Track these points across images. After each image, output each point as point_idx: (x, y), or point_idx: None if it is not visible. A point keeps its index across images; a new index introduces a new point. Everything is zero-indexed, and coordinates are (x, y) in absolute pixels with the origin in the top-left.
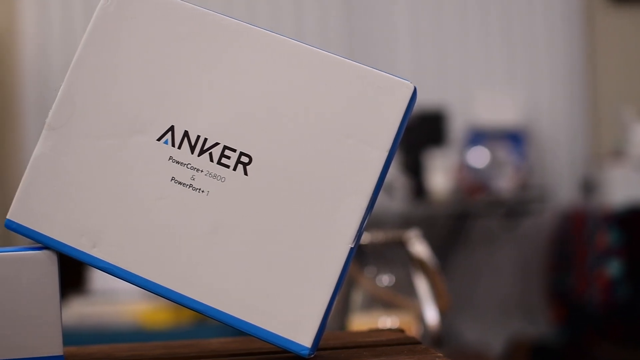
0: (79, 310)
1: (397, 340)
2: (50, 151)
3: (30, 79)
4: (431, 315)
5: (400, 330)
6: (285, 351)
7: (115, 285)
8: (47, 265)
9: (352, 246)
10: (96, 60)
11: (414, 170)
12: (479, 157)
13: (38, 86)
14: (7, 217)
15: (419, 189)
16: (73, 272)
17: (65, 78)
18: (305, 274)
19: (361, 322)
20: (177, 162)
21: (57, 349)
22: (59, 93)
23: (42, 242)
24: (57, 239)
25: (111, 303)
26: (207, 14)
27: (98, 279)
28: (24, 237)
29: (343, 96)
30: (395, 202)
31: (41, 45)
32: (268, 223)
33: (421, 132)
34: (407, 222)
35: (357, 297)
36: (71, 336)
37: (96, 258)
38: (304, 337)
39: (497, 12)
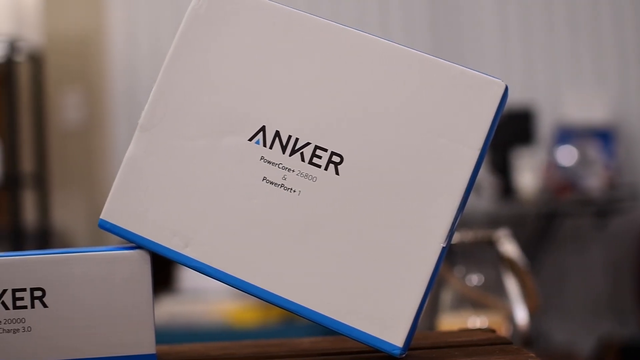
0: (169, 309)
1: (488, 340)
2: (142, 152)
3: (118, 81)
4: (521, 315)
5: (491, 330)
6: (376, 350)
7: (204, 284)
8: (140, 265)
9: (444, 245)
10: (188, 62)
11: (502, 169)
12: (567, 155)
13: (126, 88)
14: (101, 217)
15: (506, 188)
16: (162, 271)
17: (157, 79)
18: (397, 273)
19: (450, 322)
20: (269, 162)
21: (150, 348)
22: (151, 94)
23: (135, 242)
24: (149, 238)
25: (200, 302)
26: (298, 14)
27: (187, 278)
28: (117, 237)
29: (434, 95)
30: (483, 201)
31: (129, 47)
32: (359, 223)
33: (509, 130)
34: (494, 222)
35: (446, 297)
36: (161, 335)
37: (188, 257)
38: (395, 336)
39: (585, 8)
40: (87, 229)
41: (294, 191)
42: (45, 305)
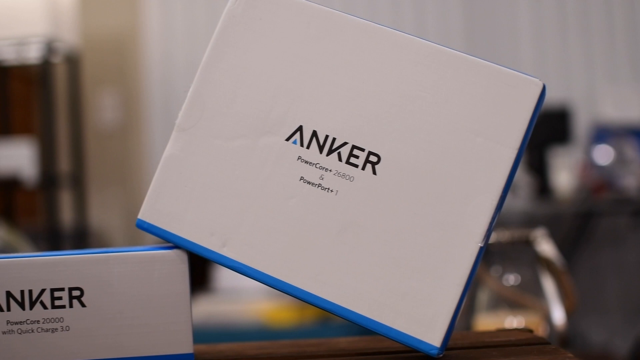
0: (204, 309)
1: (525, 341)
2: (180, 152)
3: (154, 81)
4: (558, 315)
5: (528, 330)
6: (414, 350)
7: (240, 283)
8: (177, 264)
9: (482, 245)
10: (224, 62)
11: (538, 168)
12: (604, 154)
13: (162, 88)
14: (138, 217)
15: (543, 188)
16: (198, 270)
17: (194, 80)
18: (435, 273)
19: (487, 322)
20: (306, 162)
21: (188, 347)
22: (188, 94)
23: (173, 242)
24: (187, 238)
25: (236, 301)
26: (334, 14)
27: (223, 278)
28: (153, 237)
29: (471, 94)
30: (520, 201)
31: (165, 47)
32: (397, 222)
33: (545, 129)
34: (531, 221)
35: (483, 296)
36: (196, 334)
37: (226, 257)
38: (433, 336)
39: (621, 5)
40: (123, 228)
41: (332, 191)
42: (83, 305)
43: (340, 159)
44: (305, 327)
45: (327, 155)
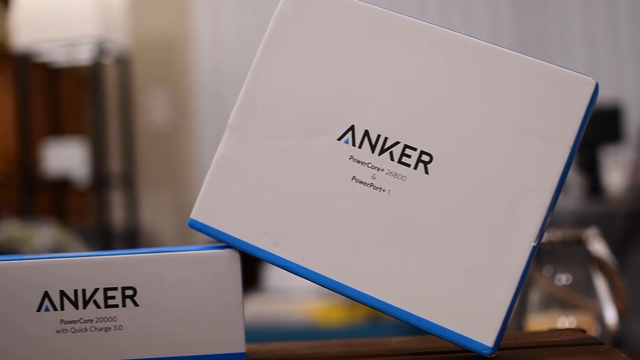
0: (255, 308)
1: (578, 341)
2: (232, 152)
3: (204, 81)
4: (610, 315)
5: (581, 331)
6: (466, 350)
7: (290, 283)
8: (230, 264)
9: (535, 245)
10: (276, 61)
11: (590, 167)
12: None
13: (212, 89)
14: (191, 216)
15: (594, 187)
16: (249, 270)
17: (246, 80)
18: (487, 273)
19: (539, 322)
20: (358, 162)
21: (240, 347)
22: (240, 94)
23: (225, 241)
24: (239, 237)
25: (286, 301)
26: (385, 13)
27: (273, 277)
28: (204, 236)
29: (523, 93)
30: (571, 200)
31: (214, 48)
32: (449, 222)
33: (596, 128)
34: (582, 221)
35: (535, 296)
36: (247, 333)
37: (278, 257)
38: (486, 336)
39: None
40: (173, 228)
41: (384, 190)
42: (136, 304)
43: (392, 159)
44: (355, 326)
45: (379, 154)
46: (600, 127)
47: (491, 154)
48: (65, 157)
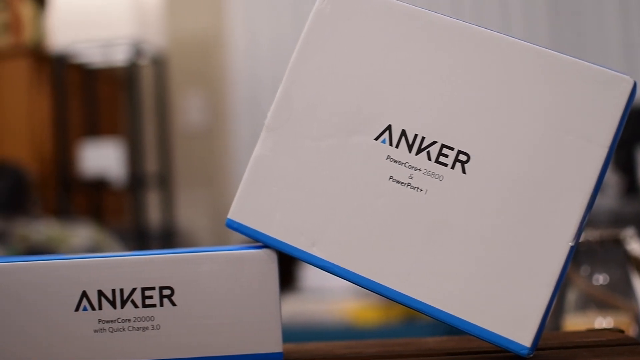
0: (290, 308)
1: (617, 341)
2: (269, 152)
3: (240, 82)
4: None
5: (619, 331)
6: (503, 350)
7: (326, 283)
8: (267, 264)
9: (573, 244)
10: (312, 61)
11: (626, 167)
12: None
13: (248, 89)
14: (228, 216)
15: (631, 186)
16: (284, 269)
17: (282, 80)
18: (525, 273)
19: (576, 322)
20: (395, 161)
21: (277, 346)
22: (277, 95)
23: (262, 241)
24: (277, 237)
25: (321, 301)
26: (421, 12)
27: (309, 277)
28: (240, 236)
29: (560, 92)
30: (607, 199)
31: (250, 49)
32: (487, 221)
33: (633, 127)
34: (618, 220)
35: (572, 296)
36: (283, 333)
37: (315, 256)
38: (523, 336)
39: None
40: (209, 228)
41: (421, 190)
42: (173, 304)
43: (429, 158)
44: (391, 326)
45: (417, 154)
46: (638, 126)
47: (528, 153)
48: (102, 158)
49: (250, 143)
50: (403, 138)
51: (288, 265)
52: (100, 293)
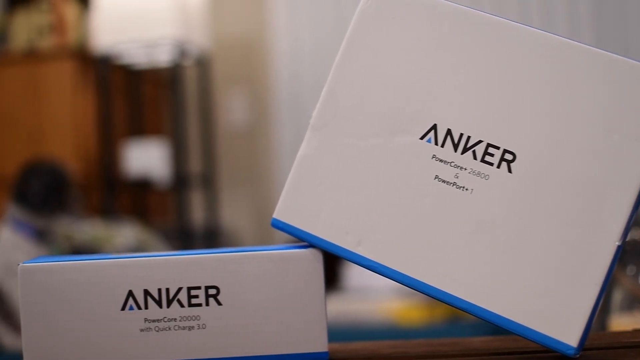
0: (334, 307)
1: None
2: (314, 151)
3: (283, 82)
4: None
5: None
6: (549, 350)
7: (370, 282)
8: (313, 263)
9: (619, 244)
10: (357, 61)
11: None
12: None
13: (290, 89)
14: (274, 216)
15: None
16: (328, 269)
17: (327, 79)
18: (571, 273)
19: (622, 322)
20: (441, 161)
21: (322, 346)
22: (322, 94)
23: (308, 240)
24: (322, 237)
25: (365, 300)
26: (465, 11)
27: (353, 276)
28: (283, 235)
29: (605, 91)
30: None
31: (292, 49)
32: (533, 221)
33: None
34: None
35: (618, 296)
36: (327, 333)
37: (361, 256)
38: (570, 336)
39: None
40: (253, 227)
41: (466, 189)
42: (219, 303)
43: (475, 157)
44: (435, 326)
45: (462, 153)
46: None
47: (574, 152)
48: (146, 158)
49: (292, 142)
50: (448, 137)
51: (331, 265)
52: (147, 292)
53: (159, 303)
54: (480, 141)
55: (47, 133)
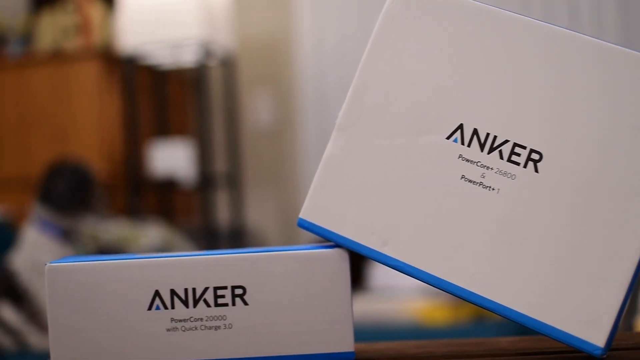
0: (359, 307)
1: None
2: (340, 151)
3: (307, 82)
4: None
5: None
6: (576, 351)
7: (395, 282)
8: (339, 263)
9: None
10: (383, 61)
11: None
12: None
13: (315, 90)
14: (300, 216)
15: None
16: (353, 269)
17: (353, 79)
18: (598, 272)
19: None
20: (467, 160)
21: (349, 345)
22: (347, 94)
23: (334, 240)
24: (348, 237)
25: (390, 300)
26: (490, 10)
27: (378, 276)
28: (308, 235)
29: (633, 89)
30: None
31: (317, 50)
32: (559, 221)
33: None
34: None
35: None
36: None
37: (387, 256)
38: (597, 336)
39: None
40: (278, 227)
41: (493, 189)
42: (245, 303)
43: (501, 157)
44: (460, 325)
45: (488, 153)
46: None
47: (601, 152)
48: (171, 158)
49: (317, 142)
50: (475, 137)
51: (356, 264)
52: (173, 292)
53: (185, 303)
54: (506, 141)
55: (73, 133)
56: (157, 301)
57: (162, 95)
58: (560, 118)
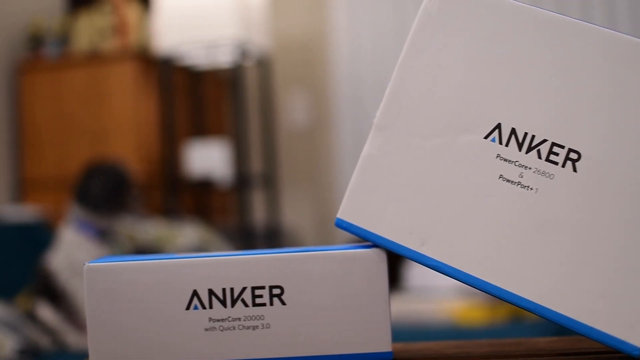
0: (395, 307)
1: None
2: (378, 151)
3: (343, 82)
4: None
5: None
6: (615, 351)
7: (431, 282)
8: (377, 263)
9: None
10: (421, 60)
11: None
12: None
13: (350, 89)
14: (337, 216)
15: None
16: (390, 268)
17: (391, 79)
18: (637, 272)
19: None
20: (505, 160)
21: (386, 346)
22: (385, 94)
23: (371, 240)
24: (386, 237)
25: (426, 300)
26: (528, 9)
27: (413, 277)
28: (344, 235)
29: None
30: None
31: (352, 50)
32: (598, 221)
33: None
34: None
35: None
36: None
37: (425, 256)
38: (635, 337)
39: None
40: (313, 227)
41: (531, 189)
42: (283, 303)
43: (539, 157)
44: (498, 326)
45: (527, 152)
46: None
47: (638, 151)
48: (208, 158)
49: (353, 142)
50: (513, 136)
51: (393, 264)
52: (211, 292)
53: (223, 303)
54: (544, 140)
55: (110, 134)
56: (195, 301)
57: (198, 95)
58: (599, 117)
